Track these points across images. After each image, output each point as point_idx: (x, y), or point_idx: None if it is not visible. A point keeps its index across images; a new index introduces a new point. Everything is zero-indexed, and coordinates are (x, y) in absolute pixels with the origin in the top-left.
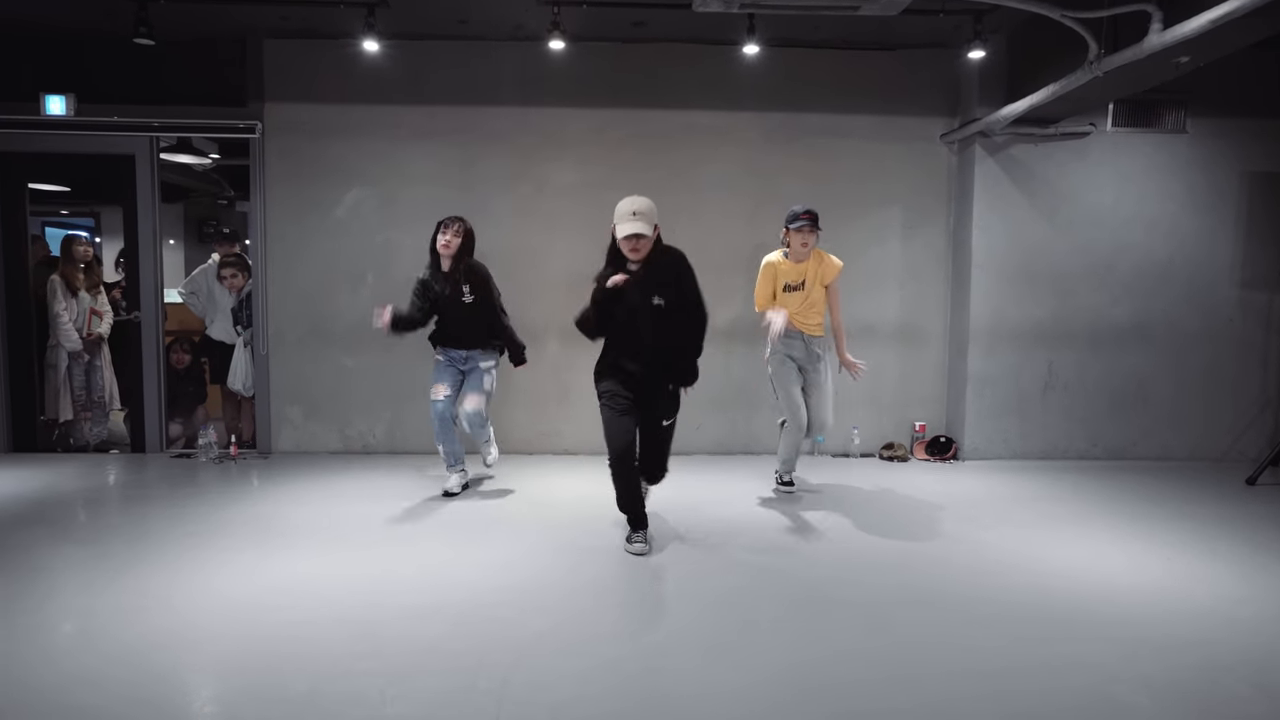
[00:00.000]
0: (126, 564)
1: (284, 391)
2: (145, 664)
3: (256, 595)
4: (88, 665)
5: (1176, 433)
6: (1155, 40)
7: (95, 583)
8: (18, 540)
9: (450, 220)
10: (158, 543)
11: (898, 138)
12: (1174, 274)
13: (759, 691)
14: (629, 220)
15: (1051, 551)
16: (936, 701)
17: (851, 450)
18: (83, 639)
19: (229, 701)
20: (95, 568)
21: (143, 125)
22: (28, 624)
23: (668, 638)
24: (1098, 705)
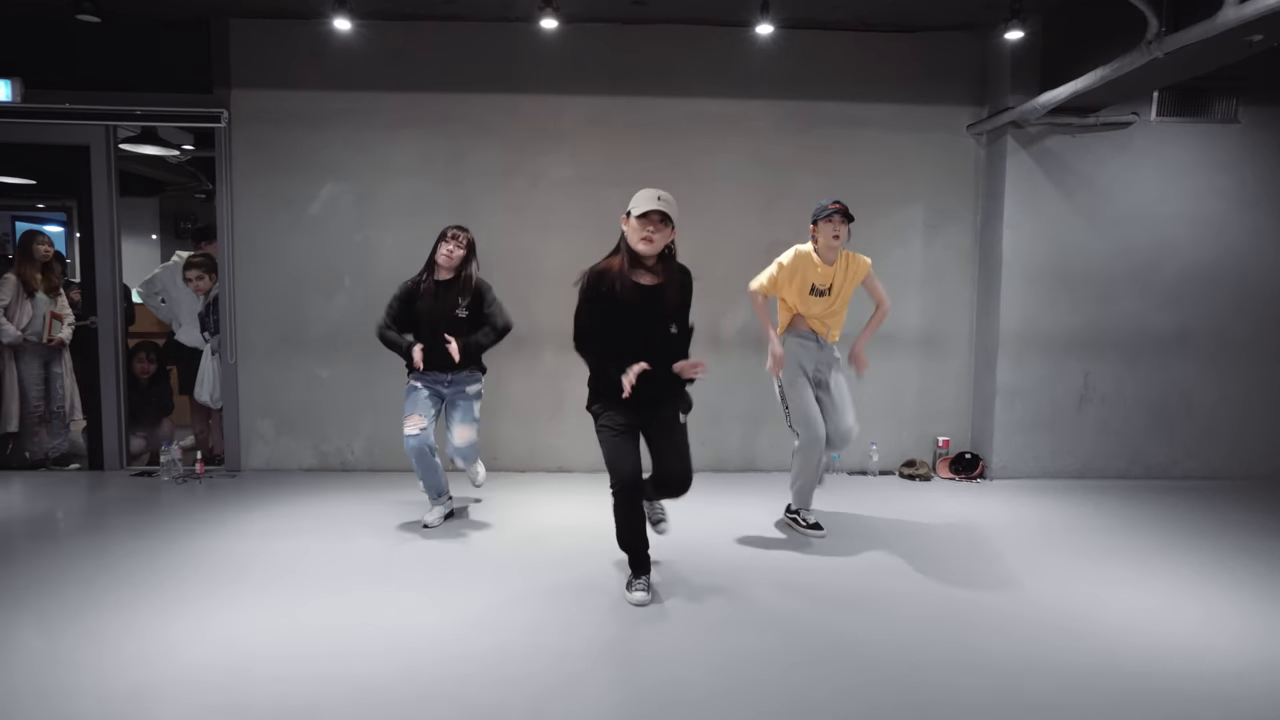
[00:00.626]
0: (80, 613)
1: (254, 404)
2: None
3: (222, 656)
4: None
5: (1224, 450)
6: (1232, 14)
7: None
8: None
9: (455, 230)
10: (114, 587)
11: (920, 128)
12: (1223, 277)
13: None
14: (653, 201)
15: (1109, 597)
16: None
17: (869, 468)
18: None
19: None
20: (46, 618)
21: (97, 113)
22: None
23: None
24: None
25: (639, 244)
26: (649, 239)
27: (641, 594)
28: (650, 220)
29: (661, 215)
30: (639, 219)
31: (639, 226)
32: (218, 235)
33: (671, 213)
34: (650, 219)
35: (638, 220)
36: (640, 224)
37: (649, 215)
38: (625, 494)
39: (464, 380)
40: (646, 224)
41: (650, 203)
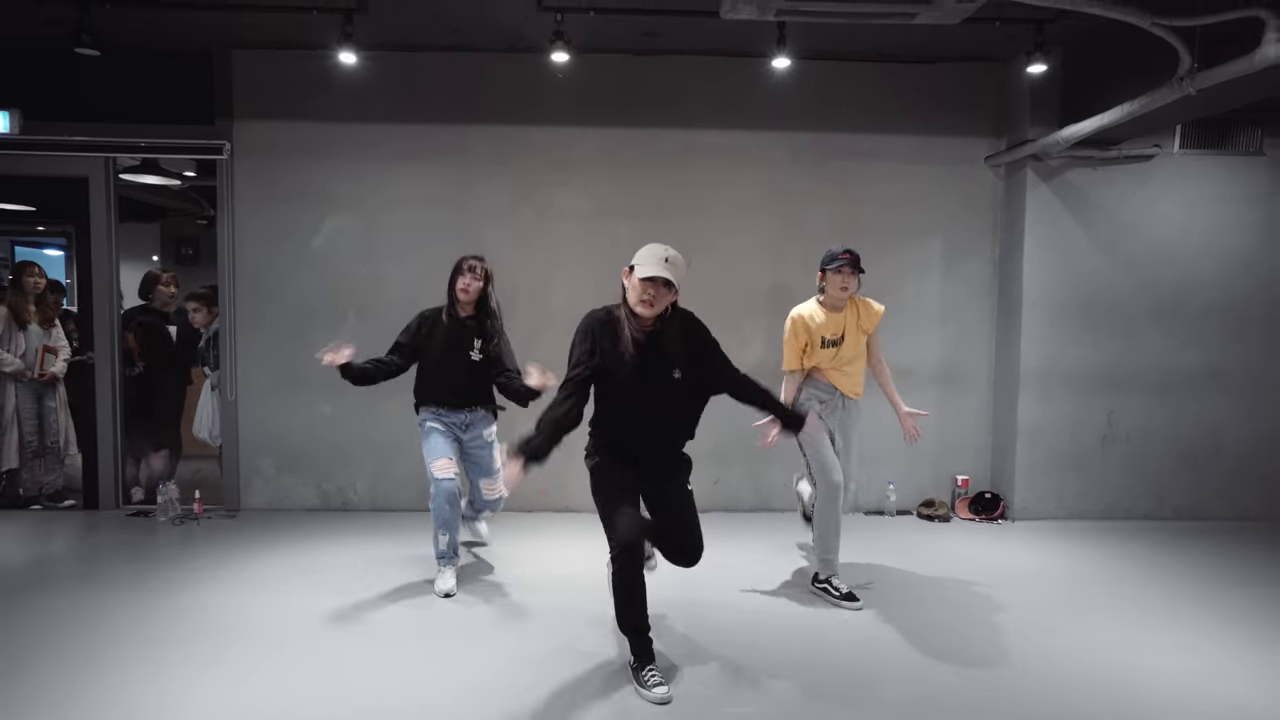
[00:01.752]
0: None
1: (255, 442)
2: None
3: None
4: None
5: (1254, 491)
6: (1273, 51)
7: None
8: None
9: (471, 261)
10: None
11: (938, 160)
12: (1252, 313)
13: None
14: (658, 265)
15: (1145, 660)
16: None
17: (887, 508)
18: None
19: None
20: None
21: (98, 144)
22: None
23: None
24: None
25: (638, 305)
26: (649, 303)
27: (661, 689)
28: (654, 284)
29: (666, 283)
30: (641, 281)
31: (640, 288)
32: (219, 267)
33: (677, 277)
34: (654, 284)
35: (640, 281)
36: (642, 286)
37: (653, 280)
38: (626, 557)
39: (480, 424)
40: (649, 287)
41: (655, 267)
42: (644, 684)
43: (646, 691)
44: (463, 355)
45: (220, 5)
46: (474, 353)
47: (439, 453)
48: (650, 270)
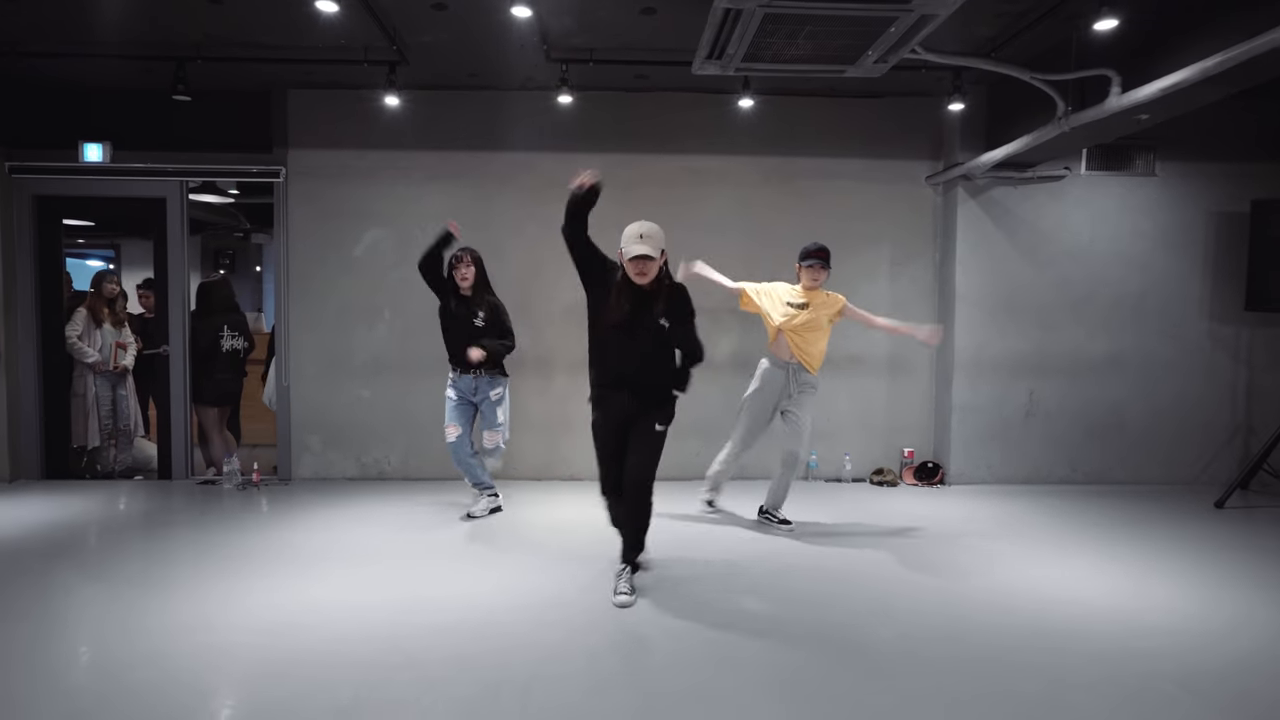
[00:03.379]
0: (160, 585)
1: (304, 421)
2: (194, 679)
3: (291, 615)
4: (143, 678)
5: (1151, 458)
6: (1114, 103)
7: (139, 606)
8: (54, 564)
9: (462, 254)
10: (189, 565)
11: (886, 180)
12: (1147, 308)
13: (744, 695)
14: (636, 243)
15: (1046, 576)
16: (913, 690)
17: (843, 475)
18: (135, 654)
19: (278, 707)
20: (129, 588)
21: (175, 171)
22: (66, 636)
23: (664, 651)
24: (1047, 707)
25: (635, 277)
26: (642, 273)
27: (625, 596)
28: (639, 261)
29: (646, 256)
30: (629, 261)
31: (631, 267)
32: (275, 275)
33: (655, 246)
34: (639, 260)
35: (629, 262)
36: (631, 265)
37: (637, 258)
38: (608, 495)
39: (487, 386)
40: (636, 264)
41: (635, 247)
42: (615, 592)
43: (615, 596)
44: (468, 324)
45: (287, 59)
46: (477, 320)
47: (448, 420)
48: (633, 251)
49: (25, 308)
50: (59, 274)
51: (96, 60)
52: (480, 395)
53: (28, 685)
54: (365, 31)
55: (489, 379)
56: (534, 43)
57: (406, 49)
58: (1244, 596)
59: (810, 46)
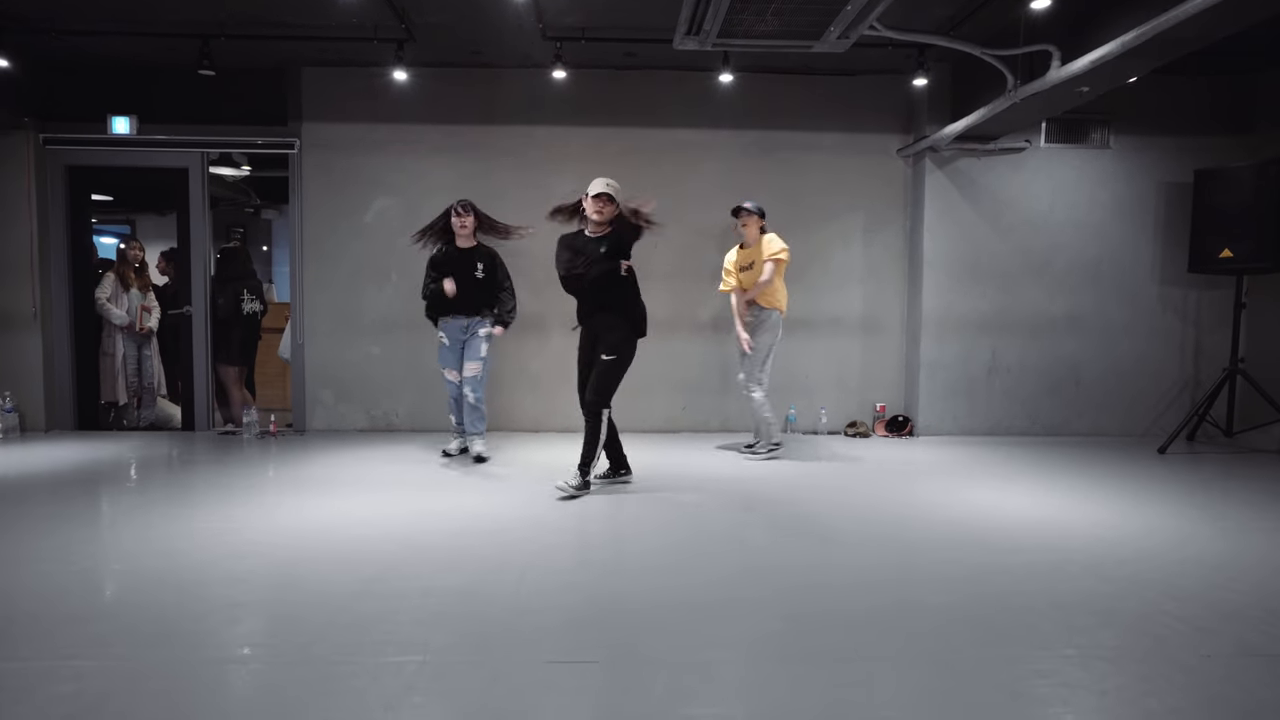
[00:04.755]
0: (194, 505)
1: (317, 376)
2: (232, 568)
3: (316, 522)
4: (190, 565)
5: (1106, 412)
6: (1055, 75)
7: (164, 516)
8: (100, 487)
9: (463, 206)
10: (223, 492)
11: (859, 152)
12: (1103, 272)
13: (709, 578)
14: (599, 184)
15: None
16: (864, 589)
17: (819, 428)
18: (178, 554)
19: (312, 579)
20: (165, 507)
21: (197, 142)
22: (119, 544)
23: (638, 547)
24: (975, 584)
25: (592, 214)
26: (599, 211)
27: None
28: (598, 200)
29: (607, 196)
30: (591, 199)
31: (591, 204)
32: (290, 241)
33: (613, 191)
34: (598, 199)
35: (590, 199)
36: (592, 202)
37: (597, 196)
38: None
39: (478, 324)
40: (595, 202)
41: (597, 186)
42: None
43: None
44: (469, 275)
45: (302, 36)
46: (478, 272)
47: (445, 364)
48: (594, 189)
49: (58, 271)
50: (89, 240)
51: (126, 38)
52: (470, 332)
53: (71, 583)
54: (376, 11)
55: (481, 319)
56: (530, 22)
57: (414, 28)
58: (1165, 514)
59: (778, 22)
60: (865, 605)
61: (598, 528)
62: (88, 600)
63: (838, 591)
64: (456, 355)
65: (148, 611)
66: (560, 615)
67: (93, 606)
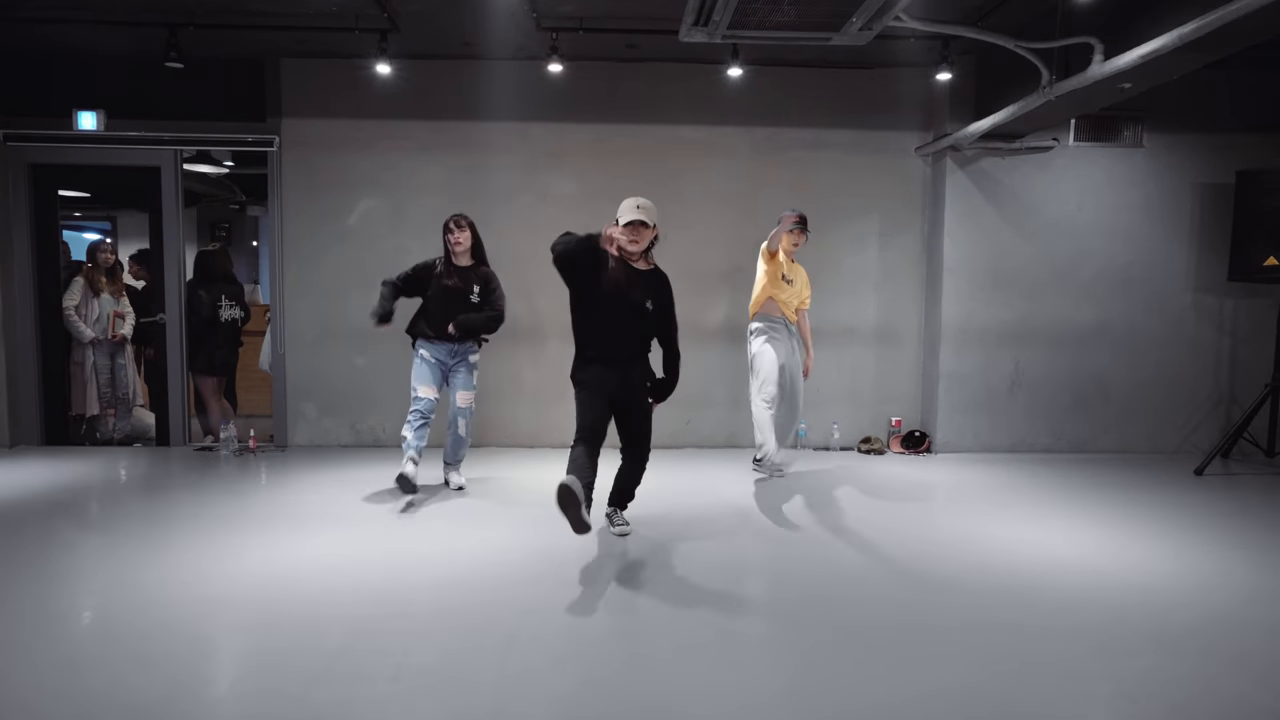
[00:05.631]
0: (160, 544)
1: (299, 388)
2: (190, 628)
3: (286, 569)
4: (144, 624)
5: (1135, 428)
6: (1097, 70)
7: (130, 558)
8: (56, 522)
9: (455, 220)
10: (187, 525)
11: (875, 150)
12: (1132, 279)
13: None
14: (632, 210)
15: (1010, 532)
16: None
17: (832, 444)
18: (134, 606)
19: (271, 651)
20: (130, 546)
21: (169, 140)
22: (67, 592)
23: (639, 606)
24: (1014, 659)
25: (628, 245)
26: (635, 240)
27: (625, 526)
28: (633, 227)
29: (641, 223)
30: (624, 227)
31: (625, 232)
32: (268, 244)
33: (649, 218)
34: (632, 226)
35: (624, 227)
36: (625, 230)
37: (631, 224)
38: (585, 440)
39: (466, 351)
40: (630, 230)
41: (631, 213)
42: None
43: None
44: (464, 298)
45: (279, 26)
46: (474, 296)
47: (422, 379)
48: (628, 216)
49: (23, 275)
50: (55, 243)
51: (89, 26)
52: (457, 359)
53: (29, 634)
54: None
55: (471, 345)
56: (524, 10)
57: (397, 16)
58: (1219, 556)
59: (794, 13)
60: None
61: (596, 576)
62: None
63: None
64: (436, 374)
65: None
66: (550, 709)
67: None
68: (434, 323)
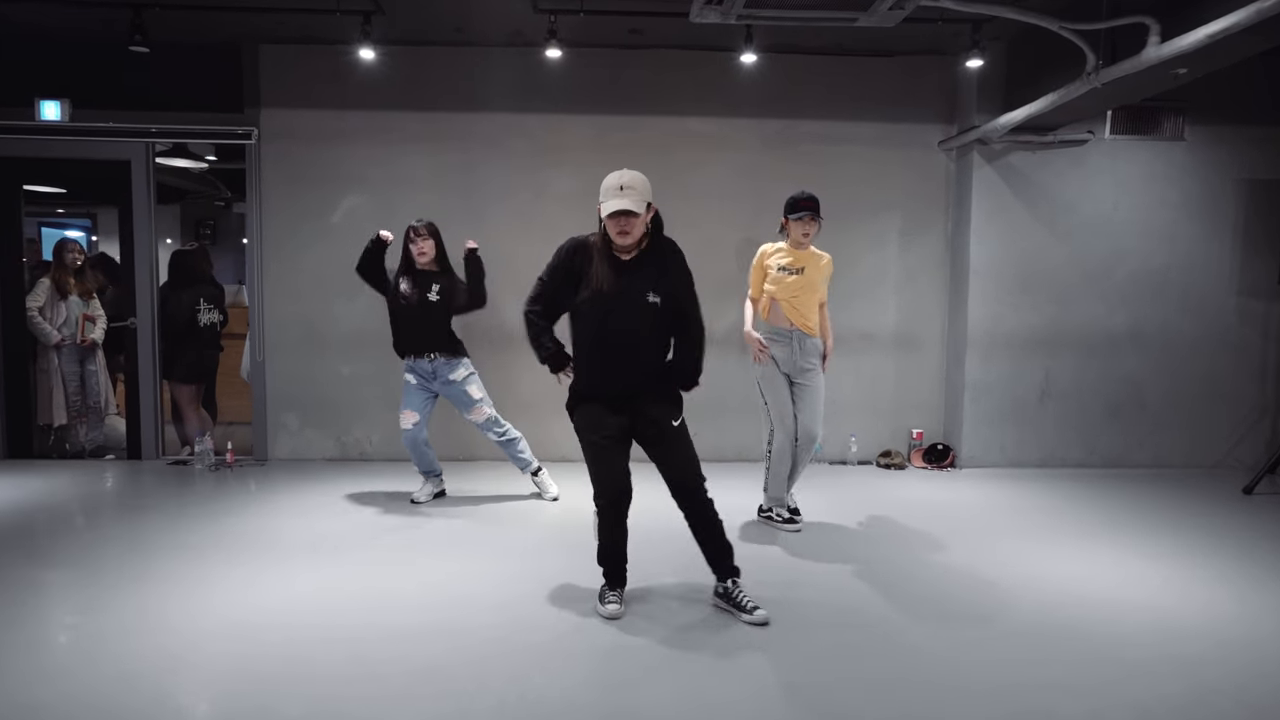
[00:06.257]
0: (122, 580)
1: (280, 398)
2: (142, 685)
3: (253, 614)
4: (85, 684)
5: (1173, 441)
6: (1153, 53)
7: (91, 599)
8: (10, 554)
9: (419, 227)
10: (154, 557)
11: (896, 144)
12: (1171, 282)
13: (742, 706)
14: (615, 196)
15: (1051, 567)
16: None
17: (849, 458)
18: (79, 657)
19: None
20: (91, 583)
21: (139, 131)
22: (23, 640)
23: (652, 654)
24: None
25: (616, 237)
26: (624, 233)
27: (614, 605)
28: (620, 217)
29: (628, 212)
30: (609, 219)
31: (611, 225)
32: (247, 242)
33: (640, 199)
34: (619, 217)
35: (608, 219)
36: (611, 222)
37: (615, 216)
38: (610, 510)
39: (445, 369)
40: (616, 221)
41: (615, 200)
42: (602, 600)
43: (602, 606)
44: (422, 300)
45: (255, 7)
46: (432, 294)
47: (406, 405)
48: (612, 205)
49: None
50: (17, 240)
51: (49, 3)
52: (440, 380)
53: None
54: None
55: (446, 361)
56: None
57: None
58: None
59: None
60: None
61: (600, 626)
62: None
63: None
64: (421, 399)
65: None
66: None
67: None
68: (403, 339)
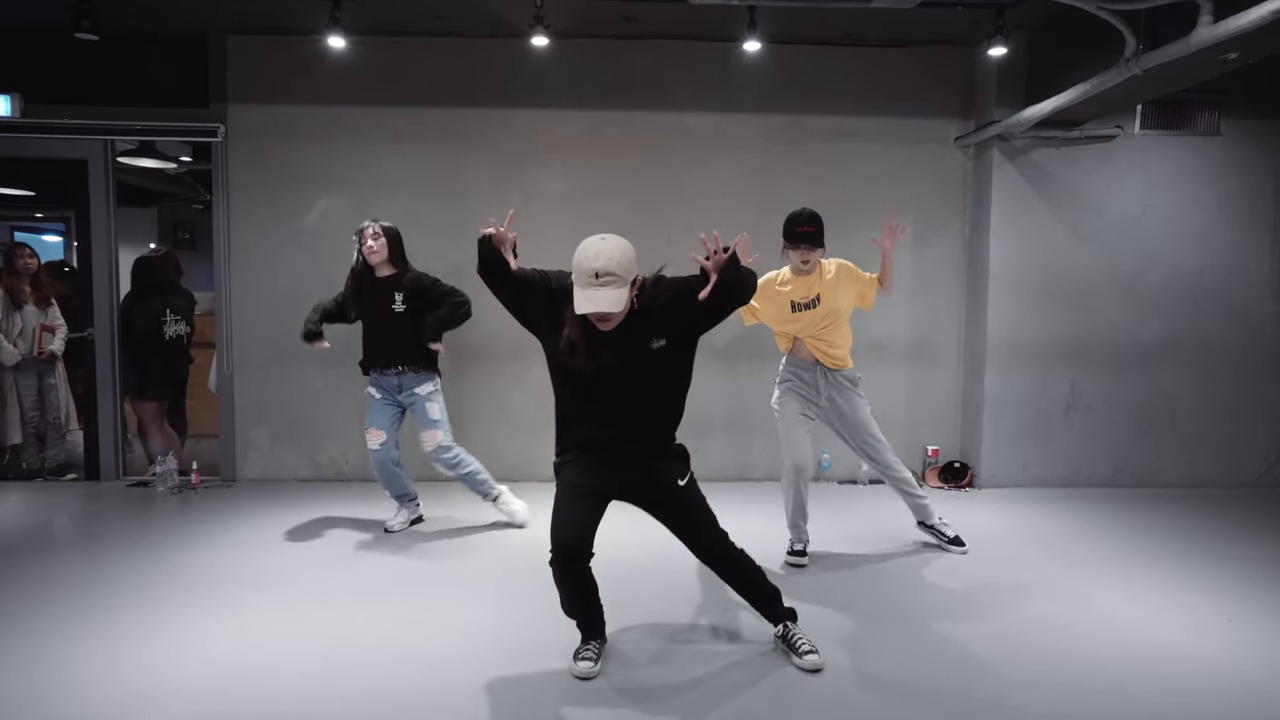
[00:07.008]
0: (74, 622)
1: (250, 414)
2: None
3: (207, 666)
4: None
5: (1208, 457)
6: (1205, 34)
7: (41, 645)
8: None
9: (367, 225)
10: (105, 596)
11: (909, 141)
12: (1206, 287)
13: None
14: (590, 286)
15: (1094, 609)
16: None
17: (859, 477)
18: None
19: None
20: (40, 626)
21: (95, 128)
22: None
23: None
24: None
25: (597, 322)
26: (603, 319)
27: (587, 664)
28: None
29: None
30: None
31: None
32: (214, 246)
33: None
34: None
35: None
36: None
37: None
38: (560, 564)
39: (412, 383)
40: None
41: (587, 300)
42: (575, 657)
43: (573, 665)
44: (387, 310)
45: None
46: (396, 305)
47: (371, 423)
48: (584, 306)
49: None
50: None
51: None
52: (406, 393)
53: None
54: None
55: (414, 375)
56: None
57: None
58: None
59: None
60: None
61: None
62: None
63: None
64: (388, 415)
65: None
66: None
67: None
68: (368, 351)
